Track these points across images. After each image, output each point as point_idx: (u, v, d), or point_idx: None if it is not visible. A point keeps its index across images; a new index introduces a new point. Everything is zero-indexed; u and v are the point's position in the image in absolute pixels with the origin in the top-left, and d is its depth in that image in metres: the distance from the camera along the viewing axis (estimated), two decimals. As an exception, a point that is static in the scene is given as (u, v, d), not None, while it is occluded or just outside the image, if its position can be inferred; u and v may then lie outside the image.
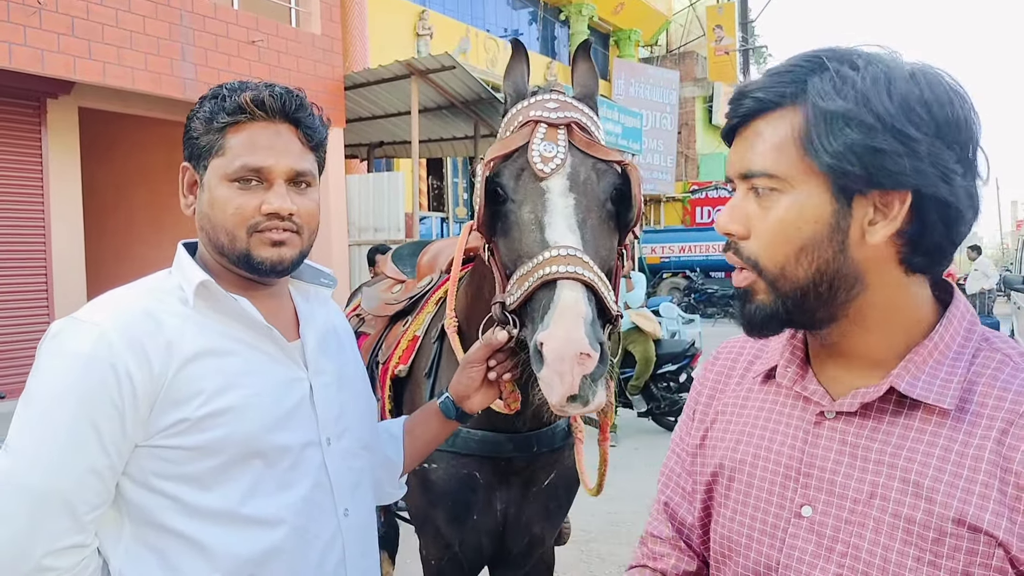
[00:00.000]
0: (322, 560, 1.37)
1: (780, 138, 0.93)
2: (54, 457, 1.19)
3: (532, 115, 1.69)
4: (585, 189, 1.64)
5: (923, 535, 0.88)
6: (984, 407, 0.91)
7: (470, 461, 2.03)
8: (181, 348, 1.26)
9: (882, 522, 0.91)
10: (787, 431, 1.03)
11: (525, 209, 1.63)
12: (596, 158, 1.66)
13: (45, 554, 1.18)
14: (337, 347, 1.54)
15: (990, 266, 14.22)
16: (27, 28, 7.37)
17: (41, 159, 8.49)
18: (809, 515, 0.98)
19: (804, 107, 0.92)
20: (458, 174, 17.86)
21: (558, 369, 1.39)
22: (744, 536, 1.04)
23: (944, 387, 0.92)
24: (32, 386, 1.22)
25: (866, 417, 0.96)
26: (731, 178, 1.01)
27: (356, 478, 1.47)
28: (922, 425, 0.92)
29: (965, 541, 0.86)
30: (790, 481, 1.00)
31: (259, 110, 1.32)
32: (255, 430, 1.29)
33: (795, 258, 0.94)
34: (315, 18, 10.61)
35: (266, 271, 1.35)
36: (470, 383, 1.63)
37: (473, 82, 10.42)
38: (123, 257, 11.03)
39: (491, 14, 19.00)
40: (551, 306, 1.46)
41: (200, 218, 1.36)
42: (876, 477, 0.93)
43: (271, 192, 1.32)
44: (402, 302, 2.57)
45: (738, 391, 1.14)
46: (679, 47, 26.67)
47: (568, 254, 1.51)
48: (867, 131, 0.88)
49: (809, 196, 0.92)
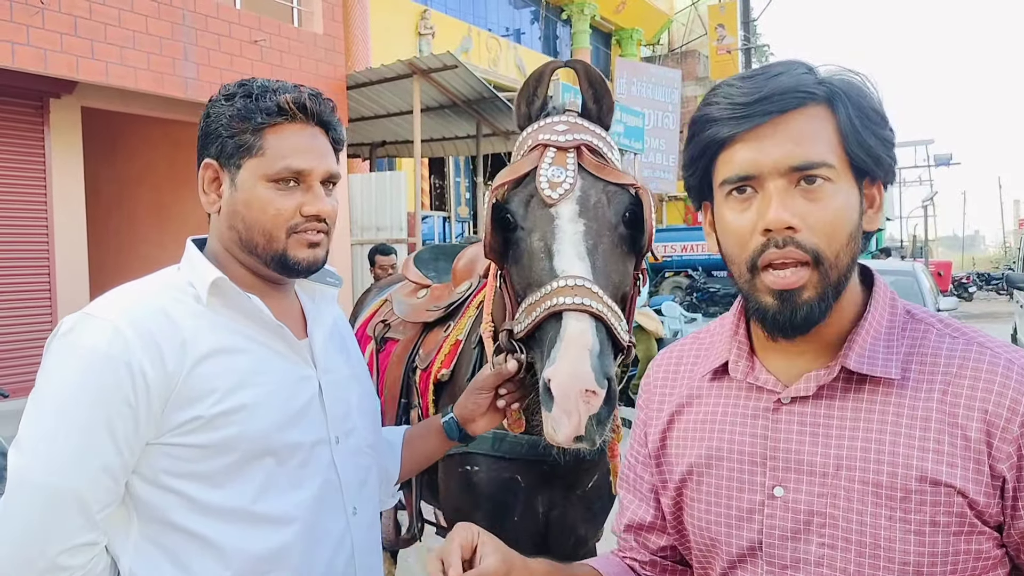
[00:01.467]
0: (332, 558, 1.37)
1: (827, 132, 0.99)
2: (68, 455, 1.18)
3: (541, 139, 1.65)
4: (596, 214, 1.60)
5: (891, 495, 0.96)
6: (923, 373, 1.00)
7: (512, 464, 2.00)
8: (195, 346, 1.26)
9: (852, 490, 0.98)
10: (746, 421, 1.08)
11: (534, 236, 1.60)
12: (607, 181, 1.62)
13: (60, 552, 1.18)
14: (342, 347, 1.54)
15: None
16: (30, 28, 7.38)
17: (44, 158, 8.49)
18: (782, 495, 1.03)
19: (838, 104, 0.99)
20: (460, 173, 17.85)
21: (565, 408, 1.37)
22: (723, 526, 1.09)
23: (887, 361, 1.01)
24: (44, 383, 1.22)
25: (820, 397, 1.03)
26: (755, 175, 0.99)
27: (363, 476, 1.47)
28: (872, 397, 1.00)
29: (929, 495, 0.94)
30: (758, 467, 1.06)
31: (300, 112, 1.34)
32: (267, 428, 1.29)
33: (845, 245, 0.99)
34: (317, 18, 10.62)
35: (301, 271, 1.37)
36: (476, 408, 1.63)
37: (475, 81, 10.42)
38: (126, 256, 11.03)
39: (493, 13, 18.99)
40: (557, 339, 1.44)
41: (230, 217, 1.36)
42: (839, 451, 1.00)
43: (311, 194, 1.34)
44: (441, 309, 2.51)
45: (687, 393, 1.17)
46: (681, 46, 26.64)
47: (576, 284, 1.49)
48: (884, 126, 1.00)
49: (849, 186, 1.00)
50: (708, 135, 1.02)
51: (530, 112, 1.74)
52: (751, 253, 1.00)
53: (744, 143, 0.99)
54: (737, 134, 0.99)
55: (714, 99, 1.03)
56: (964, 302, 25.08)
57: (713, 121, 1.01)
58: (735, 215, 1.02)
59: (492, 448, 1.99)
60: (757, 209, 0.99)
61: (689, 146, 1.07)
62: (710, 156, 1.04)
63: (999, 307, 24.68)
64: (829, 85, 1.00)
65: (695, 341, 1.25)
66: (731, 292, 18.49)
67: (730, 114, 1.00)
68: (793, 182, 0.98)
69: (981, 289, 31.94)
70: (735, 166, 1.00)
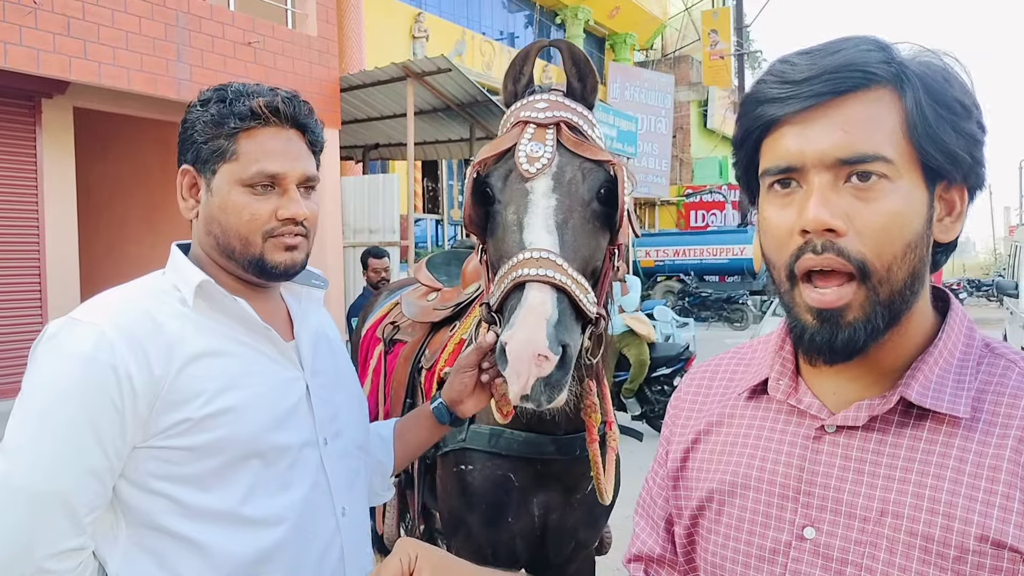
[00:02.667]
0: (321, 560, 1.37)
1: (890, 121, 0.84)
2: (54, 459, 1.18)
3: (522, 116, 1.69)
4: (569, 189, 1.63)
5: (943, 553, 0.82)
6: (996, 415, 0.86)
7: (505, 462, 2.01)
8: (182, 349, 1.26)
9: (896, 541, 0.85)
10: (781, 448, 0.95)
11: (509, 210, 1.64)
12: (584, 158, 1.65)
13: (46, 556, 1.17)
14: (329, 348, 1.54)
15: None
16: (23, 28, 7.35)
17: (36, 159, 8.45)
18: (813, 537, 0.90)
19: (906, 89, 0.84)
20: (453, 176, 17.85)
21: (516, 368, 1.42)
22: (740, 564, 0.96)
23: (956, 395, 0.87)
24: (29, 387, 1.22)
25: (870, 430, 0.89)
26: (799, 166, 0.86)
27: (352, 478, 1.47)
28: (932, 436, 0.86)
29: (989, 558, 0.80)
30: (788, 502, 0.93)
31: (273, 116, 1.33)
32: (255, 430, 1.29)
33: (901, 257, 0.84)
34: (311, 20, 10.60)
35: (278, 275, 1.37)
36: (463, 388, 1.64)
37: (469, 84, 10.42)
38: (117, 257, 10.99)
39: (487, 17, 19.02)
40: (518, 307, 1.48)
41: (207, 222, 1.36)
42: (887, 493, 0.86)
43: (286, 198, 1.34)
44: (448, 309, 2.55)
45: (720, 411, 1.05)
46: (674, 51, 26.71)
47: (540, 256, 1.53)
48: (968, 119, 0.86)
49: (914, 187, 0.85)
50: (754, 116, 0.89)
51: (516, 90, 1.77)
52: (788, 257, 0.87)
53: (791, 128, 0.86)
54: (783, 116, 0.86)
55: (767, 75, 0.90)
56: (954, 308, 25.08)
57: (761, 100, 0.88)
58: (775, 212, 0.89)
59: (489, 444, 2.00)
60: (798, 206, 0.86)
61: (736, 127, 0.95)
62: (755, 141, 0.91)
63: (989, 313, 24.78)
64: (898, 66, 0.85)
65: (735, 355, 1.11)
66: (723, 297, 18.60)
67: (779, 93, 0.86)
68: (842, 177, 0.84)
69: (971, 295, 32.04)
70: (778, 155, 0.88)
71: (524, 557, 2.14)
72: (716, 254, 20.34)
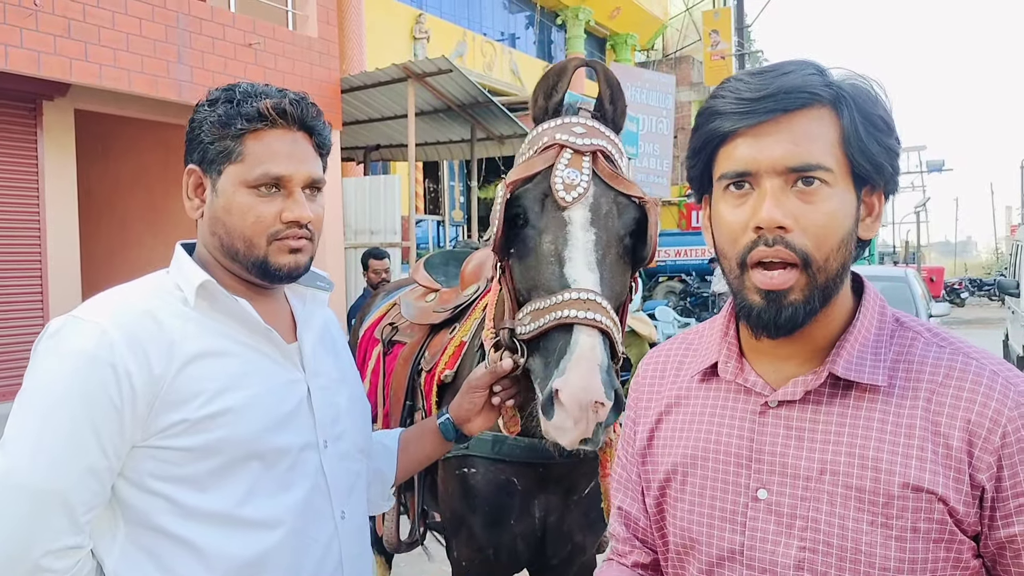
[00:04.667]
0: (320, 563, 1.36)
1: (829, 135, 0.99)
2: (53, 457, 1.18)
3: (558, 138, 1.64)
4: (606, 224, 1.61)
5: (874, 501, 0.97)
6: (908, 381, 1.01)
7: (509, 467, 2.01)
8: (182, 349, 1.26)
9: (835, 494, 0.99)
10: (733, 422, 1.09)
11: (546, 238, 1.60)
12: (618, 191, 1.63)
13: (43, 554, 1.17)
14: (332, 350, 1.54)
15: None
16: (23, 30, 7.35)
17: (37, 161, 8.46)
18: (765, 497, 1.04)
19: (843, 108, 0.99)
20: (455, 177, 17.84)
21: (575, 416, 1.41)
22: (705, 527, 1.09)
23: (874, 367, 1.01)
24: (30, 384, 1.22)
25: (806, 402, 1.04)
26: (753, 172, 1.00)
27: (352, 481, 1.47)
28: (857, 403, 1.01)
29: (911, 501, 0.95)
30: (742, 468, 1.06)
31: (280, 118, 1.32)
32: (254, 431, 1.29)
33: (836, 250, 0.99)
34: (312, 21, 10.60)
35: (282, 277, 1.36)
36: (471, 407, 1.63)
37: (470, 85, 10.42)
38: (118, 259, 10.99)
39: (488, 18, 19.00)
40: (568, 351, 1.46)
41: (212, 223, 1.36)
42: (824, 455, 1.01)
43: (291, 200, 1.33)
44: (447, 311, 2.53)
45: (675, 393, 1.18)
46: (675, 52, 26.70)
47: (588, 298, 1.51)
48: (889, 135, 1.01)
49: (846, 191, 1.00)
50: (711, 127, 1.02)
51: (547, 106, 1.74)
52: (741, 249, 1.01)
53: (745, 139, 1.00)
54: (739, 129, 1.00)
55: (722, 92, 1.03)
56: (956, 308, 25.15)
57: (718, 114, 1.02)
58: (730, 210, 1.02)
59: (492, 451, 1.99)
60: (752, 206, 1.00)
61: (693, 136, 1.08)
62: (712, 149, 1.04)
63: (991, 313, 24.76)
64: (836, 88, 1.00)
65: (683, 342, 1.25)
66: (724, 297, 18.55)
67: (734, 108, 1.00)
68: (790, 182, 0.98)
69: (973, 295, 32.03)
70: (734, 161, 1.01)
71: (525, 557, 2.14)
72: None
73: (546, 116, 1.73)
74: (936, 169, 43.92)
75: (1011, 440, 0.94)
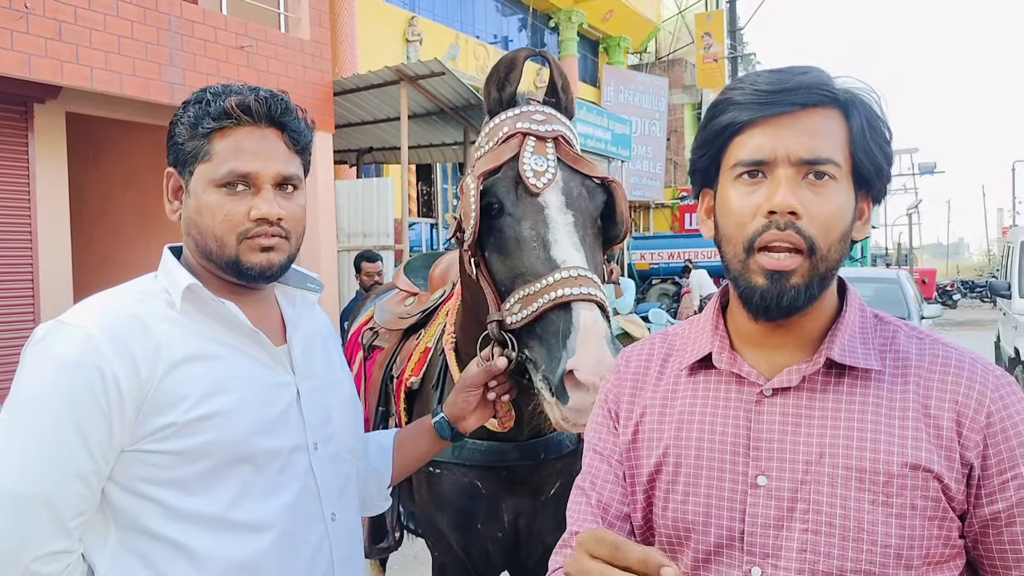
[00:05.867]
0: (310, 565, 1.36)
1: (839, 134, 1.04)
2: (40, 462, 1.18)
3: (519, 127, 1.67)
4: (579, 205, 1.63)
5: (874, 480, 1.00)
6: (896, 368, 1.06)
7: (471, 470, 2.01)
8: (169, 352, 1.26)
9: (836, 476, 1.02)
10: (728, 412, 1.10)
11: (524, 225, 1.61)
12: (583, 174, 1.66)
13: (33, 559, 1.17)
14: (323, 352, 1.53)
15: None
16: (14, 32, 7.33)
17: (28, 164, 8.42)
18: (765, 484, 1.05)
19: (852, 112, 1.04)
20: (448, 180, 17.84)
21: (593, 395, 1.39)
22: (701, 515, 1.09)
23: (867, 353, 1.07)
24: (17, 390, 1.22)
25: (801, 389, 1.07)
26: (769, 160, 1.03)
27: (343, 483, 1.46)
28: (851, 388, 1.05)
29: (909, 479, 0.99)
30: (740, 457, 1.08)
31: (245, 115, 1.32)
32: (242, 434, 1.28)
33: (837, 242, 1.04)
34: (304, 24, 10.59)
35: (255, 276, 1.35)
36: (466, 405, 1.63)
37: (463, 88, 10.43)
38: (110, 262, 10.96)
39: (480, 21, 19.02)
40: (571, 330, 1.46)
41: (187, 224, 1.36)
42: (822, 439, 1.04)
43: (259, 197, 1.32)
44: (415, 316, 2.53)
45: (661, 387, 1.19)
46: (668, 54, 26.76)
47: (579, 275, 1.51)
48: (888, 143, 1.07)
49: (849, 190, 1.05)
50: (728, 117, 1.06)
51: (501, 97, 1.76)
52: (750, 233, 1.04)
53: (763, 128, 1.03)
54: (757, 119, 1.03)
55: (739, 84, 1.07)
56: (948, 309, 25.25)
57: (735, 104, 1.05)
58: (741, 196, 1.05)
59: (452, 455, 1.98)
60: (765, 192, 1.03)
61: (705, 128, 1.10)
62: (726, 138, 1.07)
63: (983, 314, 24.85)
64: (848, 92, 1.05)
65: (663, 339, 1.27)
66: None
67: (753, 99, 1.04)
68: (802, 174, 1.02)
69: (965, 296, 32.17)
70: (751, 150, 1.04)
71: (500, 561, 2.13)
72: (711, 256, 20.36)
73: (500, 107, 1.75)
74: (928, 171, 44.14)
75: (995, 420, 1.01)
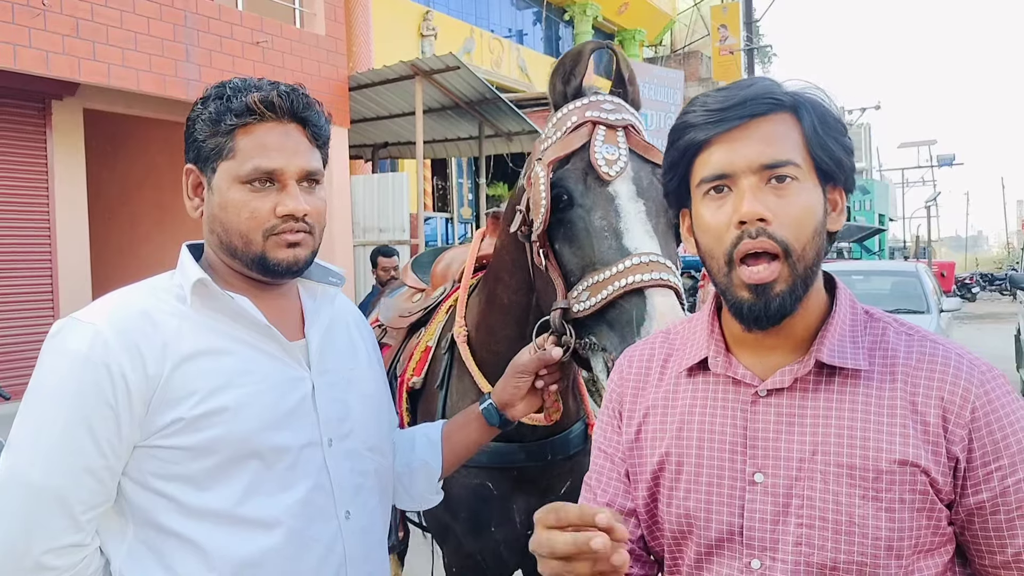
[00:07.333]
0: (321, 563, 1.35)
1: (794, 136, 1.09)
2: (51, 455, 1.19)
3: (589, 115, 1.65)
4: (650, 194, 1.61)
5: (864, 476, 1.05)
6: (885, 366, 1.10)
7: (481, 472, 1.99)
8: (177, 348, 1.26)
9: (828, 473, 1.06)
10: (725, 412, 1.15)
11: (595, 215, 1.59)
12: (654, 163, 1.63)
13: (44, 552, 1.18)
14: (348, 346, 1.52)
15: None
16: (32, 30, 7.38)
17: (46, 161, 8.50)
18: (762, 480, 1.10)
19: (802, 113, 1.09)
20: (463, 175, 17.84)
21: None
22: (703, 511, 1.14)
23: (856, 353, 1.10)
24: (32, 384, 1.23)
25: (794, 390, 1.11)
26: (730, 173, 1.08)
27: (360, 480, 1.44)
28: (842, 388, 1.09)
29: (898, 475, 1.04)
30: (737, 455, 1.12)
31: (268, 111, 1.31)
32: (252, 430, 1.28)
33: (811, 239, 1.07)
34: (319, 19, 10.61)
35: (282, 272, 1.35)
36: (516, 392, 1.62)
37: (477, 82, 10.42)
38: (128, 258, 11.04)
39: (495, 14, 18.98)
40: (646, 317, 1.44)
41: (210, 221, 1.35)
42: (815, 437, 1.08)
43: (285, 194, 1.32)
44: (416, 313, 2.51)
45: (662, 388, 1.23)
46: (683, 47, 26.61)
47: (652, 260, 1.50)
48: (843, 134, 1.11)
49: (814, 187, 1.09)
50: (686, 140, 1.11)
51: (566, 90, 1.75)
52: (727, 246, 1.07)
53: (719, 145, 1.08)
54: (713, 136, 1.08)
55: (691, 108, 1.12)
56: (967, 302, 25.02)
57: (691, 126, 1.10)
58: (712, 212, 1.10)
59: None
60: (732, 204, 1.07)
61: (669, 152, 1.16)
62: (688, 159, 1.12)
63: (1002, 308, 24.62)
64: (795, 96, 1.10)
65: (664, 340, 1.30)
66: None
67: (705, 119, 1.09)
68: (764, 180, 1.06)
69: (984, 290, 31.90)
70: (711, 166, 1.09)
71: (514, 561, 2.12)
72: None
73: (566, 100, 1.73)
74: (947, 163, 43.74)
75: (979, 415, 1.05)
